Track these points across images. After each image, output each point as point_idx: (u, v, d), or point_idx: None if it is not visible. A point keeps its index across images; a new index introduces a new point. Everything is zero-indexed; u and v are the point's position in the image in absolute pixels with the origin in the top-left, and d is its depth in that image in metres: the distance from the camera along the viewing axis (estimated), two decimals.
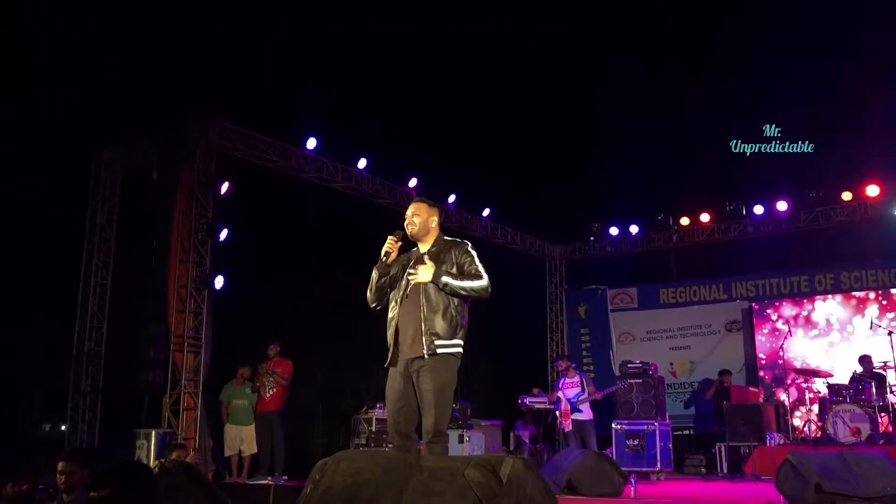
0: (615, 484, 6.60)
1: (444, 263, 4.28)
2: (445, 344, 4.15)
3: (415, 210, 4.47)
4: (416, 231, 4.42)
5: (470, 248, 4.38)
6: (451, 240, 4.48)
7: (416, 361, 4.16)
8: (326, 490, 2.69)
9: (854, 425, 9.69)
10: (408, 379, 4.19)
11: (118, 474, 2.67)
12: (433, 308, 4.19)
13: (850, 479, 5.33)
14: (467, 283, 4.22)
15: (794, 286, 13.68)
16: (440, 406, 4.06)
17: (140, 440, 8.86)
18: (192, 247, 9.73)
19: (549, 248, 15.94)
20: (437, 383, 4.07)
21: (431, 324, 4.16)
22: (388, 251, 4.38)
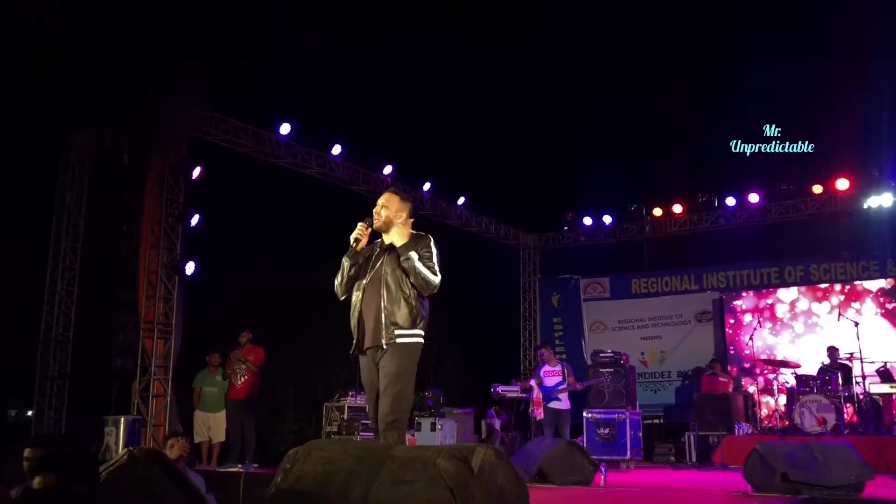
0: (585, 472, 6.65)
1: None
2: (405, 333, 4.17)
3: (385, 202, 4.44)
4: (381, 224, 4.40)
5: (432, 243, 4.38)
6: (416, 233, 4.45)
7: (378, 350, 4.19)
8: (297, 479, 2.68)
9: (820, 415, 9.85)
10: (375, 366, 4.23)
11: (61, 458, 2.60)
12: (393, 298, 4.21)
13: (815, 468, 5.42)
14: (425, 270, 4.23)
15: (763, 277, 13.85)
16: (397, 393, 4.06)
17: (109, 427, 8.77)
18: (162, 232, 9.62)
19: (523, 237, 15.98)
20: (395, 369, 4.09)
21: (391, 313, 4.18)
22: (358, 238, 4.35)
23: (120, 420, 8.78)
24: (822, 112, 12.60)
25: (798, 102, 12.56)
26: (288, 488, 2.66)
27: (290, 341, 12.22)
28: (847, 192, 12.87)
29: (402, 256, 4.21)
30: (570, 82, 13.73)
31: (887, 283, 12.52)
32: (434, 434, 11.21)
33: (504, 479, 2.65)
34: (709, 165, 13.82)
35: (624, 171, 14.23)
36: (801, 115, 12.69)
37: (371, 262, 4.36)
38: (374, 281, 4.28)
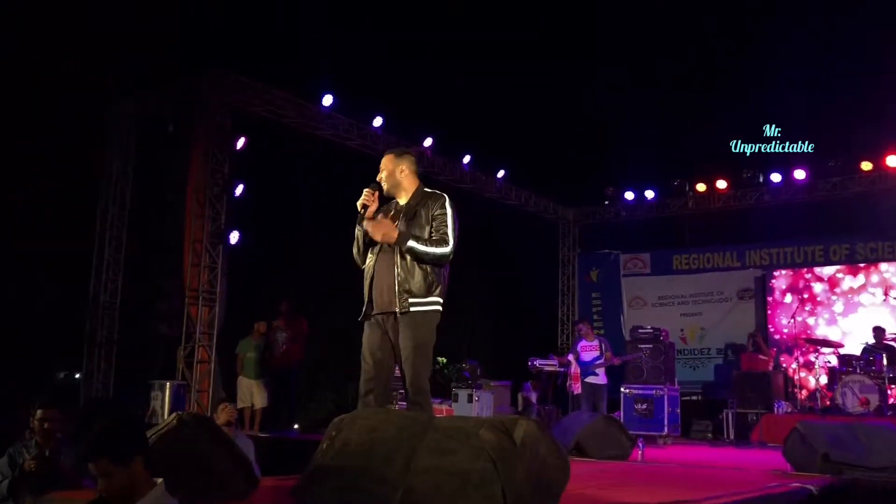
0: (623, 447, 6.67)
1: (420, 219, 4.15)
2: (420, 301, 4.06)
3: (382, 166, 4.33)
4: (386, 188, 4.29)
5: (447, 203, 4.22)
6: (430, 192, 4.30)
7: (390, 317, 4.09)
8: (343, 446, 2.74)
9: (863, 396, 9.72)
10: (383, 333, 4.13)
11: (108, 437, 2.67)
12: (408, 265, 4.08)
13: (857, 448, 5.36)
14: (429, 250, 4.07)
15: (807, 255, 13.61)
16: (419, 363, 4.00)
17: (155, 391, 9.00)
18: (207, 201, 9.75)
19: (562, 210, 15.88)
20: (416, 340, 4.01)
21: (406, 281, 4.06)
22: (365, 204, 4.23)
23: (165, 385, 9.00)
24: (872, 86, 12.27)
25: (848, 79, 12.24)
26: (333, 455, 2.72)
27: (329, 310, 12.36)
28: None
29: (401, 248, 4.06)
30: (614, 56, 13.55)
31: None
32: (471, 405, 11.29)
33: (546, 452, 2.68)
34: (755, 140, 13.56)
35: (667, 146, 14.05)
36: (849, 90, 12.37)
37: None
38: (387, 247, 4.15)
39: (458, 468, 2.50)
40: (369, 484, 2.55)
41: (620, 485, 4.54)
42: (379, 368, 4.11)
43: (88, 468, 2.68)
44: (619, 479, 4.86)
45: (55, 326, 12.75)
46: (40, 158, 11.13)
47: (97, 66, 11.04)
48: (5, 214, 10.19)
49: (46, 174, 11.04)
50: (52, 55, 10.73)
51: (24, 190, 10.69)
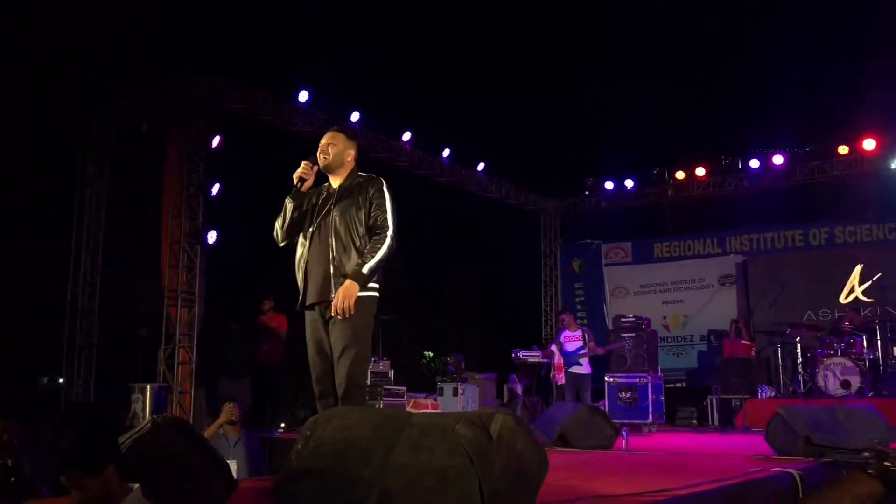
0: (607, 436, 6.66)
1: (355, 203, 3.91)
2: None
3: (330, 140, 4.07)
4: (329, 162, 4.03)
5: (385, 187, 3.96)
6: (366, 175, 4.07)
7: (327, 306, 3.82)
8: (317, 446, 2.70)
9: (844, 378, 9.79)
10: (324, 327, 3.87)
11: (77, 449, 2.63)
12: (344, 247, 3.84)
13: (838, 431, 5.39)
14: (376, 258, 3.79)
15: (787, 240, 13.70)
16: (356, 356, 3.74)
17: (135, 394, 8.92)
18: (184, 201, 9.67)
19: (543, 202, 15.89)
20: (350, 331, 3.74)
21: (341, 265, 3.81)
22: (303, 177, 4.00)
23: (146, 387, 8.91)
24: (847, 71, 12.35)
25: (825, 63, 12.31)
26: (308, 455, 2.69)
27: None
28: (874, 153, 12.62)
29: (362, 283, 3.75)
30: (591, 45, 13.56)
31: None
32: (456, 399, 11.29)
33: (523, 446, 2.66)
34: (732, 127, 13.63)
35: (646, 135, 14.09)
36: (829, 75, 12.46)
37: (318, 209, 3.99)
38: (321, 229, 3.92)
39: (435, 465, 2.47)
40: (345, 484, 2.52)
41: (604, 475, 4.53)
42: (327, 365, 3.86)
43: (61, 480, 2.64)
44: (602, 469, 4.86)
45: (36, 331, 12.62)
46: (16, 160, 10.99)
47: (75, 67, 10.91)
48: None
49: (23, 176, 10.91)
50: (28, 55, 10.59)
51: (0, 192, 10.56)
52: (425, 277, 15.43)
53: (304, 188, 4.02)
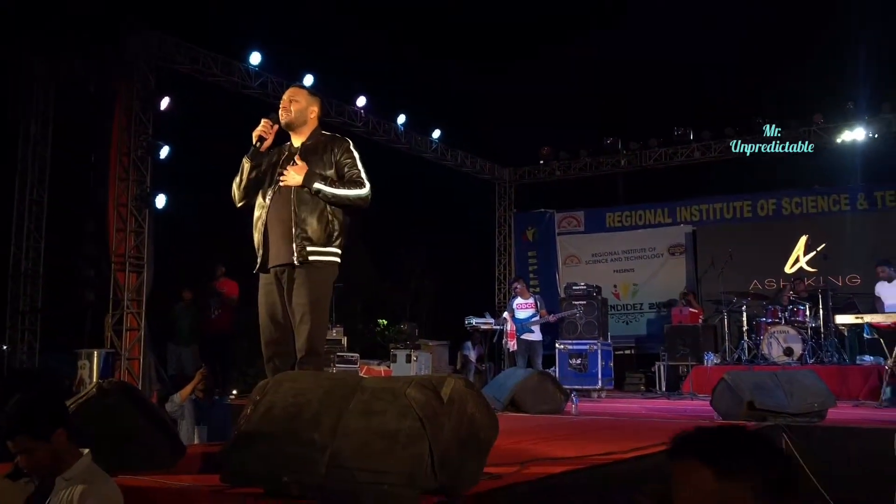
0: (557, 401, 6.78)
1: (320, 161, 3.77)
2: (319, 251, 3.68)
3: (292, 95, 3.91)
4: (291, 118, 3.86)
5: (352, 146, 3.83)
6: (330, 135, 3.92)
7: (286, 270, 3.71)
8: (267, 410, 2.68)
9: (787, 345, 10.07)
10: (279, 291, 3.75)
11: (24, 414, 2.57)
12: (306, 209, 3.69)
13: (780, 396, 5.55)
14: (343, 192, 3.69)
15: (736, 211, 13.97)
16: (315, 321, 3.63)
17: (82, 360, 8.75)
18: (131, 164, 9.43)
19: (498, 171, 15.90)
20: (311, 296, 3.64)
21: (303, 227, 3.67)
22: (262, 135, 3.82)
23: (93, 353, 8.75)
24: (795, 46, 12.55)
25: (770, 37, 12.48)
26: (258, 419, 2.66)
27: None
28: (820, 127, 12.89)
29: (307, 189, 3.66)
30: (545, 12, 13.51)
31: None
32: (410, 366, 11.35)
33: (474, 409, 2.67)
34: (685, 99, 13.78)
35: (600, 105, 14.16)
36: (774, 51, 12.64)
37: (278, 168, 3.82)
38: (283, 190, 3.74)
39: (386, 428, 2.47)
40: (295, 447, 2.51)
41: (553, 438, 4.60)
42: (280, 330, 3.75)
43: (7, 446, 2.57)
44: (551, 433, 4.93)
45: None
46: None
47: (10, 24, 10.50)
48: None
49: None
50: None
51: None
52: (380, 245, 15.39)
53: (263, 147, 3.86)
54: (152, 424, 3.30)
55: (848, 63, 11.99)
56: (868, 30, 11.14)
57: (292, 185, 3.71)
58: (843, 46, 11.67)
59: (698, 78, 13.07)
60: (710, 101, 13.52)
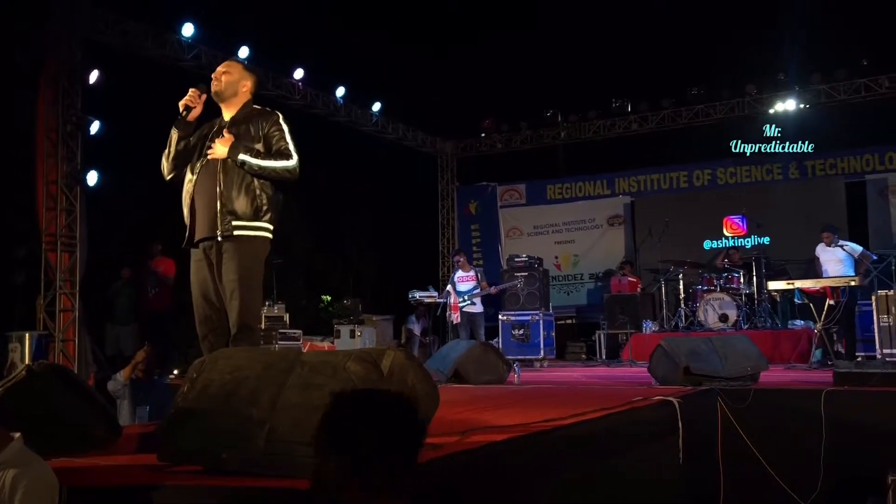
0: (500, 371, 6.85)
1: (248, 134, 3.73)
2: (246, 225, 3.65)
3: (226, 68, 3.88)
4: (221, 89, 3.82)
5: (281, 119, 3.78)
6: (260, 109, 3.88)
7: (213, 245, 3.68)
8: (204, 387, 2.64)
9: (722, 312, 10.36)
10: (209, 267, 3.72)
11: None
12: (231, 183, 3.65)
13: (714, 361, 5.72)
14: (269, 163, 3.64)
15: (673, 182, 14.25)
16: (245, 296, 3.60)
17: (13, 343, 8.48)
18: (60, 140, 9.11)
19: (440, 144, 15.87)
20: (240, 271, 3.61)
21: (229, 201, 3.63)
22: (189, 104, 3.76)
23: (24, 336, 8.48)
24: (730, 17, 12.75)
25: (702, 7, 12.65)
26: (195, 397, 2.63)
27: None
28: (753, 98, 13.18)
29: (232, 160, 3.63)
30: None
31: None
32: (354, 341, 11.32)
33: (414, 380, 2.68)
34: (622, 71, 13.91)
35: (539, 78, 14.20)
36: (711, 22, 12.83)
37: (208, 141, 3.77)
38: (210, 163, 3.70)
39: (325, 402, 2.45)
40: (233, 424, 2.48)
41: (495, 407, 4.65)
42: (213, 308, 3.72)
43: None
44: (494, 402, 4.98)
45: None
46: None
47: None
48: None
49: None
50: None
51: None
52: (321, 220, 15.24)
53: (191, 117, 3.79)
54: (86, 406, 3.21)
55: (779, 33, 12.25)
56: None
57: (218, 157, 3.67)
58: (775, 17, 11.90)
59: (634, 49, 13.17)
60: (646, 72, 13.65)
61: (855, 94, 12.59)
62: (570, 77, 14.10)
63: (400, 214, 15.50)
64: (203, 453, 2.52)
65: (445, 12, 13.43)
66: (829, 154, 13.03)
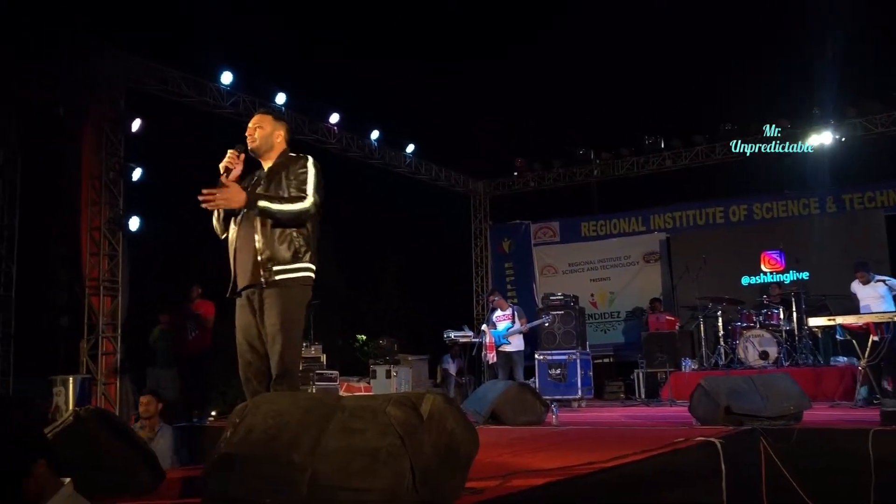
0: (537, 412, 6.79)
1: (281, 182, 3.81)
2: (287, 269, 3.73)
3: (257, 123, 3.98)
4: (257, 146, 3.93)
5: (310, 162, 3.85)
6: (294, 155, 3.96)
7: (256, 291, 3.76)
8: (247, 433, 2.67)
9: (763, 349, 10.18)
10: (253, 313, 3.79)
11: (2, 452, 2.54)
12: (268, 231, 3.73)
13: (756, 399, 5.61)
14: (284, 207, 3.70)
15: (709, 217, 14.15)
16: (287, 341, 3.66)
17: (57, 386, 8.63)
18: (103, 187, 9.36)
19: (473, 183, 15.97)
20: (282, 317, 3.67)
21: (268, 248, 3.72)
22: (228, 167, 3.88)
23: (69, 380, 8.63)
24: (762, 53, 12.75)
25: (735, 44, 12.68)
26: (238, 442, 2.65)
27: None
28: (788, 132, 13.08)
29: (254, 211, 3.70)
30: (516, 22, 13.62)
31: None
32: (389, 381, 11.32)
33: (454, 425, 2.68)
34: (655, 108, 13.95)
35: (572, 116, 14.29)
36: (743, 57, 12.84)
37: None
38: (248, 214, 3.79)
39: (366, 446, 2.47)
40: (275, 469, 2.51)
41: (534, 450, 4.61)
42: (255, 352, 3.79)
43: None
44: (533, 445, 4.94)
45: None
46: None
47: None
48: None
49: None
50: None
51: None
52: (355, 260, 15.38)
53: (232, 178, 3.88)
54: (131, 450, 3.27)
55: (813, 68, 12.21)
56: (833, 34, 11.35)
57: (235, 207, 3.73)
58: (808, 51, 11.87)
59: (665, 86, 13.22)
60: (678, 110, 13.68)
61: (893, 127, 12.45)
62: (601, 115, 14.17)
63: (433, 254, 15.59)
64: (246, 499, 2.54)
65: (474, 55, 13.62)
66: (868, 187, 12.86)
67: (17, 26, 10.33)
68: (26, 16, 10.36)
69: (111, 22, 10.63)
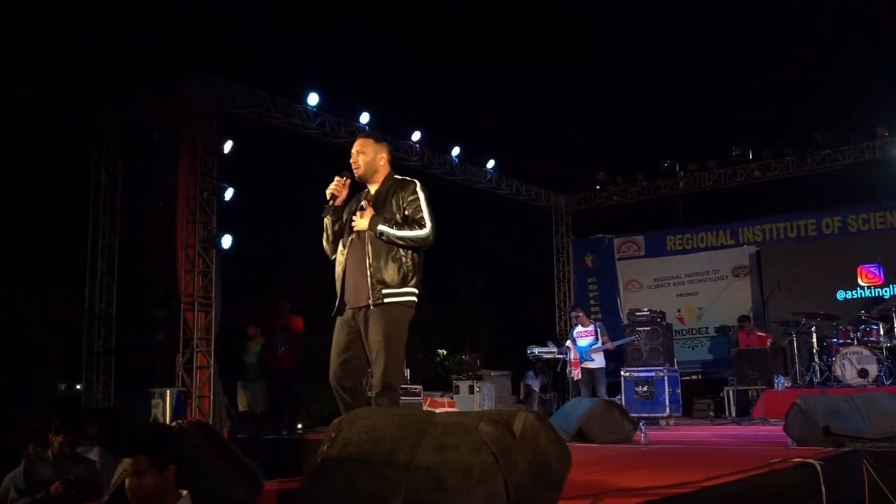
0: (625, 430, 6.68)
1: (388, 207, 3.94)
2: (394, 293, 3.84)
3: (360, 148, 4.10)
4: (362, 173, 4.06)
5: (419, 188, 3.99)
6: (401, 179, 4.08)
7: (362, 311, 3.87)
8: (343, 447, 2.73)
9: (861, 367, 9.75)
10: (354, 330, 3.90)
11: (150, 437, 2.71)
12: (379, 253, 3.86)
13: (857, 420, 5.38)
14: (405, 233, 3.85)
15: (800, 230, 13.66)
16: (389, 358, 3.77)
17: (155, 399, 8.98)
18: (197, 206, 9.72)
19: (555, 198, 15.88)
20: (386, 333, 3.78)
21: (378, 271, 3.84)
22: (334, 193, 4.04)
23: (166, 392, 8.98)
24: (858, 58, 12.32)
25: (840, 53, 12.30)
26: (334, 456, 2.72)
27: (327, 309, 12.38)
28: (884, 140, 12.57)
29: (373, 233, 3.86)
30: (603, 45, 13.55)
31: None
32: (473, 397, 11.32)
33: (546, 443, 2.68)
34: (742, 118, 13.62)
35: (656, 128, 14.09)
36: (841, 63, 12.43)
37: (353, 216, 4.02)
38: (358, 236, 3.95)
39: (460, 463, 2.49)
40: (371, 484, 2.56)
41: (623, 469, 4.55)
42: (345, 368, 3.88)
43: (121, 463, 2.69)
44: (622, 463, 4.87)
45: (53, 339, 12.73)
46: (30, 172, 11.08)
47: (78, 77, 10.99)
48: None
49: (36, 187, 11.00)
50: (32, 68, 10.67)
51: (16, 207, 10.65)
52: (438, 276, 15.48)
53: (338, 202, 4.06)
54: (231, 462, 3.38)
55: None
56: None
57: (361, 230, 3.91)
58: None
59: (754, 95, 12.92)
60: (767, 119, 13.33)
61: None
62: (685, 127, 13.93)
63: (515, 269, 15.57)
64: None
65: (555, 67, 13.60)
66: None
67: (116, 54, 10.89)
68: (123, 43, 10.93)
69: (200, 48, 11.10)
